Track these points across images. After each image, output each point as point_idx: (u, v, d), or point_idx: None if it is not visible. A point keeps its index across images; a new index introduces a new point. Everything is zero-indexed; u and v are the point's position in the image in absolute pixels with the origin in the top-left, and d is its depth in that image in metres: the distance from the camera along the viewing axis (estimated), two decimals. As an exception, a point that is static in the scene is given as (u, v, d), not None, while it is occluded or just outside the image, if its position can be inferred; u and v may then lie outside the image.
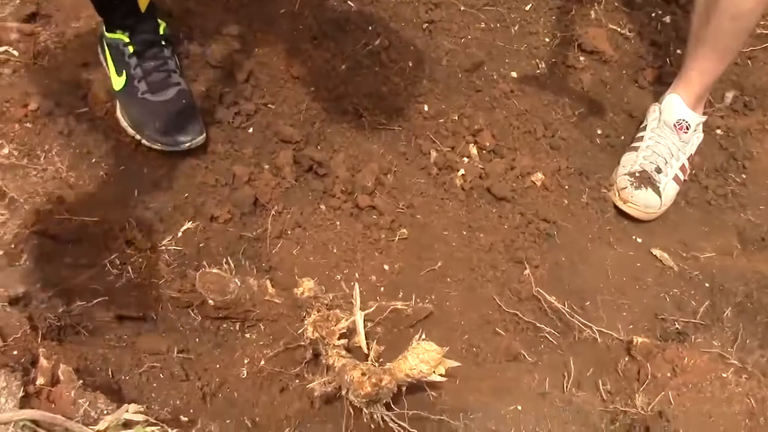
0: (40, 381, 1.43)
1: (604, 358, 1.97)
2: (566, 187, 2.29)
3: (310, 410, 1.76)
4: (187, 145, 1.99)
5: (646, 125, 2.39)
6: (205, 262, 1.84)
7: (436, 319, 1.96)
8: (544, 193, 2.25)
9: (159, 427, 1.44)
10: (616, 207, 2.30)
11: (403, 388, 1.70)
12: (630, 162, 2.33)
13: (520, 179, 2.25)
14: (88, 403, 1.44)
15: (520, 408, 1.80)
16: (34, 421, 1.33)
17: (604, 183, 2.34)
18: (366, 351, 1.74)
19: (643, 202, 2.25)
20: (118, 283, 1.83)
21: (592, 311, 2.06)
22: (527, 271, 2.07)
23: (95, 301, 1.76)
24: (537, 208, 2.21)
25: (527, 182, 2.25)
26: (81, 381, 1.49)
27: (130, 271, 1.85)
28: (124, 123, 2.02)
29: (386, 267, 2.03)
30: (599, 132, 2.45)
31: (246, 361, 1.81)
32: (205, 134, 2.03)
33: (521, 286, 2.06)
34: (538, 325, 1.99)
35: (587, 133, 2.44)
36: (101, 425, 1.40)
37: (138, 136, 2.00)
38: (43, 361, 1.47)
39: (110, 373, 1.67)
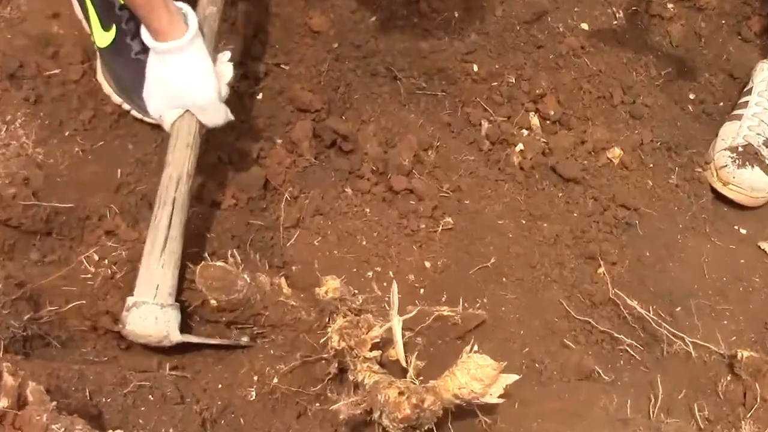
0: (3, 403, 1.42)
1: (700, 377, 1.97)
2: (650, 165, 2.30)
3: (334, 441, 1.78)
4: None
5: (751, 88, 2.38)
6: (206, 255, 1.85)
7: (489, 328, 1.97)
8: (623, 173, 2.25)
9: None
10: (713, 190, 2.31)
11: (450, 412, 1.69)
12: (731, 134, 2.32)
13: (593, 156, 2.25)
14: (63, 429, 1.41)
15: (595, 437, 1.81)
16: None
17: (698, 160, 2.34)
18: (404, 365, 1.74)
19: (748, 184, 2.24)
20: (97, 283, 1.84)
21: (685, 319, 2.06)
22: (602, 269, 2.08)
23: (69, 306, 1.78)
24: (614, 192, 2.21)
25: (602, 159, 2.25)
26: (54, 403, 1.50)
27: (112, 267, 1.85)
28: (107, 88, 2.02)
29: (427, 264, 2.04)
30: (692, 97, 2.46)
31: (255, 379, 1.81)
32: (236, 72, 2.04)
33: (595, 287, 2.06)
34: (616, 335, 1.99)
35: (677, 98, 2.44)
36: None
37: (126, 105, 2.01)
38: (7, 379, 1.46)
39: (88, 394, 1.65)
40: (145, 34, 1.73)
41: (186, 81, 1.75)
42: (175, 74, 1.74)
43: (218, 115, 1.81)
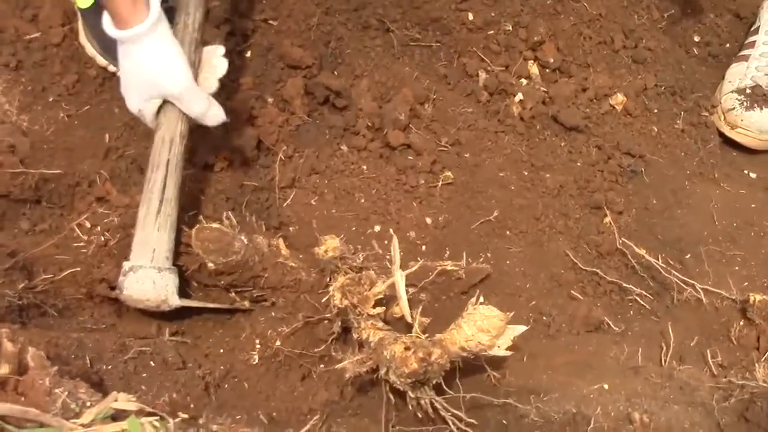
0: (4, 369, 1.44)
1: (712, 324, 2.01)
2: (655, 110, 2.32)
3: (340, 400, 1.81)
4: None
5: (758, 27, 2.39)
6: (201, 218, 1.86)
7: (494, 282, 2.00)
8: (627, 120, 2.27)
9: (157, 418, 1.47)
10: (721, 134, 2.34)
11: (457, 367, 1.72)
12: (738, 76, 2.35)
13: (596, 103, 2.27)
14: (66, 393, 1.44)
15: (606, 386, 1.83)
16: (1, 417, 1.37)
17: (704, 104, 2.36)
18: (409, 320, 1.76)
19: (757, 126, 2.26)
20: (90, 251, 1.87)
21: (695, 266, 2.09)
22: (608, 219, 2.11)
23: (63, 274, 1.81)
24: (618, 139, 2.23)
25: (604, 106, 2.28)
26: (56, 367, 1.52)
27: (105, 234, 1.89)
28: (91, 50, 2.04)
29: (428, 220, 2.07)
30: (696, 39, 2.47)
31: (257, 343, 1.85)
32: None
33: (601, 237, 2.10)
34: (624, 285, 2.03)
35: (681, 40, 2.46)
36: (85, 418, 1.41)
37: (112, 67, 2.03)
38: (6, 345, 1.48)
39: (88, 361, 1.68)
40: (107, 24, 1.72)
41: (153, 69, 1.73)
42: (142, 63, 1.73)
43: (198, 104, 1.79)
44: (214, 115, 1.82)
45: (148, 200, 1.76)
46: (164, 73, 1.73)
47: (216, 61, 1.86)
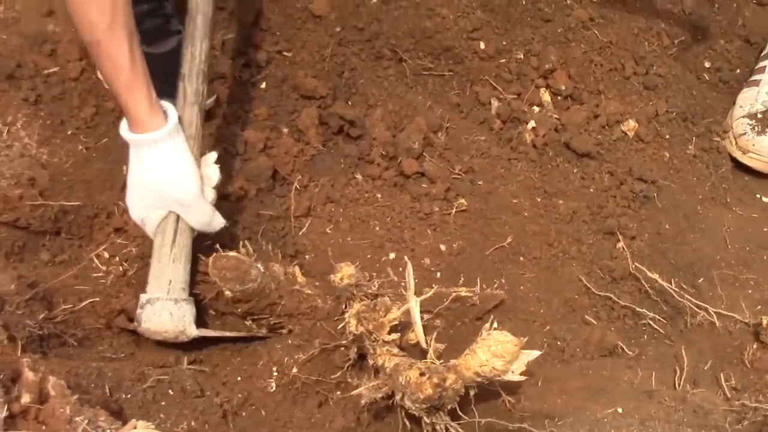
0: (25, 399, 1.47)
1: (725, 347, 2.04)
2: (666, 136, 2.36)
3: (357, 426, 1.83)
4: None
5: (768, 53, 2.42)
6: (218, 246, 1.88)
7: (508, 307, 2.04)
8: (639, 146, 2.31)
9: None
10: (733, 158, 2.37)
11: (472, 392, 1.75)
12: (749, 101, 2.38)
13: (607, 129, 2.32)
14: (86, 421, 1.47)
15: (620, 410, 1.86)
16: None
17: (716, 129, 2.40)
18: (424, 346, 1.79)
19: (769, 151, 2.30)
20: (109, 281, 1.92)
21: (708, 290, 2.13)
22: (621, 244, 2.15)
23: (82, 304, 1.85)
24: (630, 165, 2.27)
25: (616, 133, 2.32)
26: (76, 396, 1.54)
27: (123, 264, 1.94)
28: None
29: (442, 247, 2.11)
30: (707, 65, 2.50)
31: (274, 370, 1.88)
32: (215, 96, 2.11)
33: (614, 262, 2.13)
34: (638, 310, 2.06)
35: (691, 66, 2.49)
36: None
37: (130, 101, 2.06)
38: (28, 375, 1.50)
39: (107, 390, 1.70)
40: (123, 127, 1.75)
41: (165, 176, 1.75)
42: (153, 169, 1.75)
43: (204, 214, 1.81)
44: (217, 224, 1.85)
45: (162, 231, 1.80)
46: (175, 181, 1.76)
47: (207, 170, 1.86)
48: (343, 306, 1.86)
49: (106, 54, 1.65)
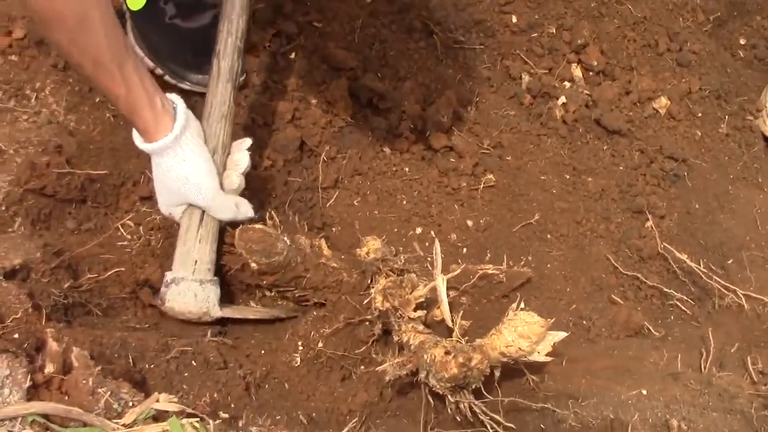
0: (49, 368, 1.47)
1: (753, 330, 2.02)
2: (699, 114, 2.33)
3: (380, 401, 1.83)
4: None
5: (805, 28, 2.39)
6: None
7: (535, 286, 2.02)
8: (670, 123, 2.28)
9: (197, 419, 1.50)
10: (766, 138, 2.33)
11: (497, 372, 1.73)
12: (784, 79, 2.35)
13: (639, 107, 2.29)
14: (109, 393, 1.47)
15: (645, 392, 1.84)
16: (45, 415, 1.38)
17: (749, 108, 2.36)
18: (450, 324, 1.77)
19: (804, 130, 2.27)
20: (134, 250, 1.91)
21: (737, 271, 2.10)
22: (650, 223, 2.13)
23: (108, 273, 1.84)
24: (661, 143, 2.25)
25: (648, 110, 2.29)
26: (99, 367, 1.53)
27: (149, 234, 1.92)
28: (139, 52, 2.04)
29: (470, 222, 2.09)
30: (742, 42, 2.46)
31: (299, 344, 1.87)
32: (245, 73, 2.08)
33: (643, 242, 2.11)
34: (665, 290, 2.04)
35: (726, 43, 2.45)
36: (127, 418, 1.44)
37: (159, 70, 2.05)
38: (52, 345, 1.50)
39: (131, 360, 1.71)
40: (135, 135, 1.73)
41: (180, 180, 1.74)
42: (168, 175, 1.73)
43: (226, 210, 1.79)
44: (243, 215, 1.81)
45: (189, 215, 1.79)
46: (190, 187, 1.74)
47: (239, 156, 1.83)
48: (369, 281, 1.85)
49: (100, 88, 1.64)
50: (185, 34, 1.96)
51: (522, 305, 1.75)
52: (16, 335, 1.52)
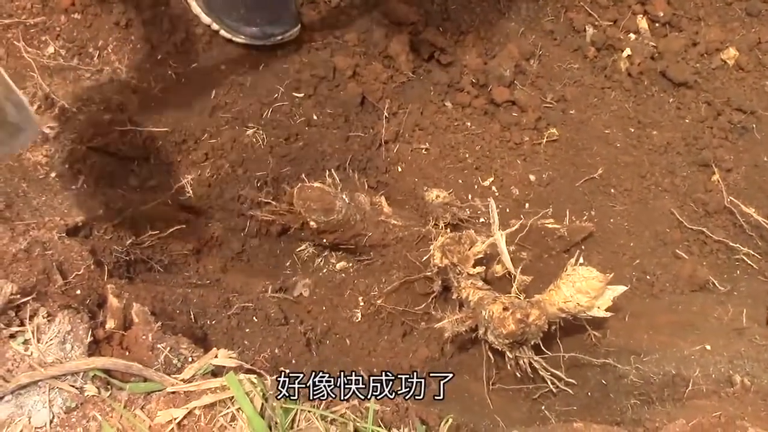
0: (110, 324, 1.49)
1: (822, 285, 1.97)
2: (768, 65, 2.26)
3: (441, 357, 1.84)
4: (279, 38, 2.02)
5: None
6: (303, 176, 1.90)
7: (597, 240, 2.00)
8: (739, 75, 2.22)
9: (255, 375, 1.50)
10: (837, 89, 2.27)
11: (556, 327, 1.74)
12: None
13: (706, 58, 2.22)
14: (169, 348, 1.48)
15: (708, 347, 1.82)
16: (106, 371, 1.40)
17: (822, 58, 2.30)
18: (513, 273, 1.77)
19: None
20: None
21: (806, 225, 2.05)
22: (716, 177, 2.08)
23: (170, 230, 1.86)
24: (729, 95, 2.19)
25: (715, 61, 2.23)
26: (159, 323, 1.55)
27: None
28: (196, 8, 2.06)
29: (532, 177, 2.07)
30: (814, -10, 2.40)
31: (360, 301, 1.89)
32: (299, 25, 2.06)
33: (708, 195, 2.07)
34: (731, 244, 2.01)
35: (797, -9, 2.38)
36: (186, 374, 1.45)
37: (215, 26, 2.05)
38: (112, 301, 1.53)
39: (192, 316, 1.74)
40: None
41: None
42: None
43: None
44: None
45: None
46: None
47: None
48: (432, 230, 1.85)
49: None
50: None
51: (581, 260, 1.74)
52: (78, 291, 1.55)
